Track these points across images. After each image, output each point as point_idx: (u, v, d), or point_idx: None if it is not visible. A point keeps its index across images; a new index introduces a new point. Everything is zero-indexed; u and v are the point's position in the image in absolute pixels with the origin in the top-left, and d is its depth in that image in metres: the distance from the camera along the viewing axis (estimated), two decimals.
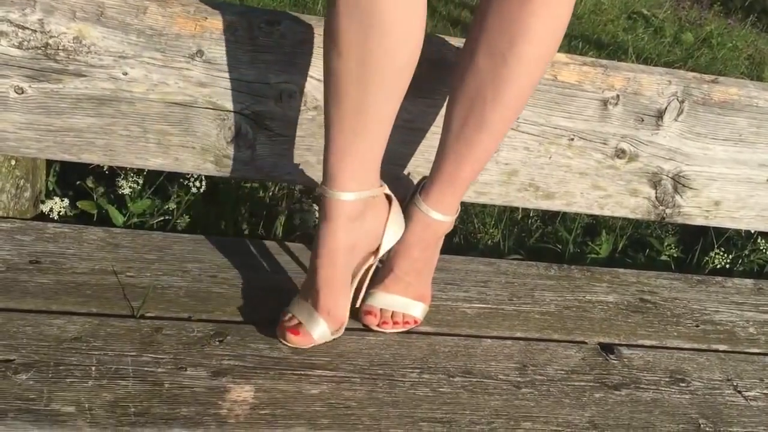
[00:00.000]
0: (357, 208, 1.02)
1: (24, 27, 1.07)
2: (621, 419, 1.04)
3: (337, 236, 1.01)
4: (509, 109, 1.04)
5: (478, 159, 1.08)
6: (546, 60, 1.02)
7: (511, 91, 1.01)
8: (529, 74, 1.01)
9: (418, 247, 1.12)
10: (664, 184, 1.33)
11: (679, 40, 4.34)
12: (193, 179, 1.41)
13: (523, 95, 1.04)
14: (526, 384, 1.07)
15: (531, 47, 0.98)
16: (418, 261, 1.12)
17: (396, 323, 1.11)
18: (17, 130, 1.12)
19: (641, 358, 1.18)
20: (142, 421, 0.87)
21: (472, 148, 1.06)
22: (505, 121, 1.06)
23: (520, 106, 1.06)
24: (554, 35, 0.99)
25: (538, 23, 0.96)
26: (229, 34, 1.12)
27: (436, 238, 1.13)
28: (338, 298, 1.04)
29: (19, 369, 0.91)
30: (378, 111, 0.98)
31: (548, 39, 0.99)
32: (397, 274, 1.12)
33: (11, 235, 1.16)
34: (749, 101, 1.31)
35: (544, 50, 1.00)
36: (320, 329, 1.02)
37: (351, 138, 0.98)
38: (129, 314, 1.04)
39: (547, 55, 1.01)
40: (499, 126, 1.05)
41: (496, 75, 1.00)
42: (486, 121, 1.03)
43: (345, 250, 1.02)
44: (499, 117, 1.04)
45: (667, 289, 1.39)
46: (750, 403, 1.13)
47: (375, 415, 0.95)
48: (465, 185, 1.10)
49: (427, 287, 1.15)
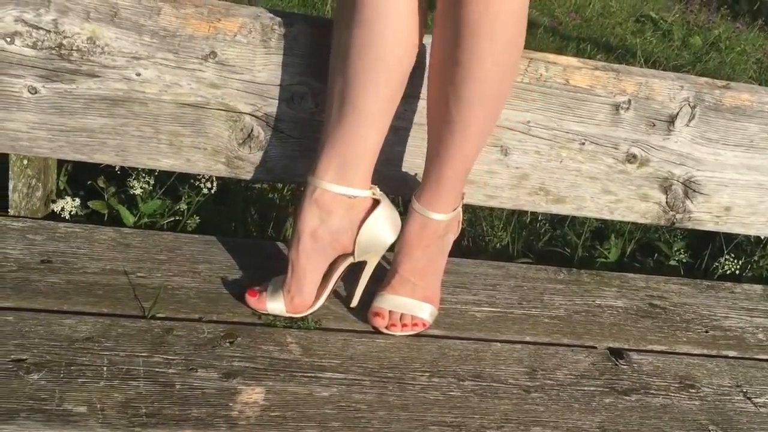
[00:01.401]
0: (327, 199, 1.04)
1: (38, 27, 1.07)
2: (631, 425, 1.04)
3: (303, 219, 1.05)
4: (475, 109, 1.01)
5: (457, 159, 1.06)
6: (503, 55, 0.97)
7: (470, 89, 0.99)
8: (483, 70, 0.97)
9: (419, 246, 1.12)
10: (674, 189, 1.33)
11: (688, 43, 4.34)
12: (204, 180, 1.41)
13: (486, 94, 1.00)
14: (536, 388, 1.07)
15: (480, 41, 0.95)
16: (420, 260, 1.13)
17: (405, 326, 1.11)
18: (30, 130, 1.13)
19: (651, 364, 1.18)
20: (153, 422, 0.87)
21: (448, 149, 1.05)
22: (476, 121, 1.03)
23: (490, 105, 1.02)
24: (504, 28, 0.95)
25: (482, 18, 0.93)
26: (242, 36, 1.12)
27: (436, 237, 1.13)
28: (302, 283, 1.07)
29: (31, 369, 0.91)
30: (361, 107, 1.01)
31: (498, 32, 0.95)
32: (402, 274, 1.13)
33: (23, 234, 1.16)
34: (761, 107, 1.31)
35: (498, 45, 0.96)
36: (275, 303, 1.08)
37: (333, 130, 1.03)
38: (140, 315, 1.04)
39: (502, 50, 0.96)
40: (471, 127, 1.03)
41: (452, 74, 0.99)
42: (453, 122, 1.02)
43: (308, 236, 1.05)
44: (465, 117, 1.02)
45: (677, 294, 1.39)
46: (759, 410, 1.12)
47: (385, 419, 0.95)
48: (453, 184, 1.09)
49: (434, 289, 1.15)
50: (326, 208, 1.05)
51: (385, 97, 1.02)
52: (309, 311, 1.09)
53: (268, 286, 1.10)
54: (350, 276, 1.14)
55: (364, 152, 1.05)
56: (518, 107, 1.23)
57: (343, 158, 1.03)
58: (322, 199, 1.04)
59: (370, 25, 0.98)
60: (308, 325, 1.09)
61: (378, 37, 0.98)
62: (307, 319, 1.10)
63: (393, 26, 0.98)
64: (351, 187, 1.04)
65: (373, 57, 0.99)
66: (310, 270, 1.07)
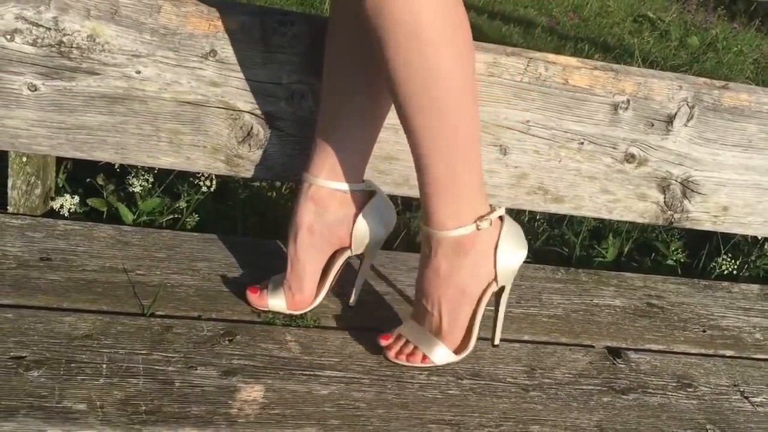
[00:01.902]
0: (322, 195, 1.04)
1: (38, 24, 1.07)
2: (629, 423, 1.04)
3: (299, 215, 1.06)
4: (416, 97, 0.90)
5: (425, 168, 0.95)
6: (425, 20, 0.86)
7: (396, 63, 0.89)
8: (402, 36, 0.87)
9: (431, 265, 1.00)
10: (672, 188, 1.34)
11: (685, 43, 4.34)
12: (203, 178, 1.41)
13: (424, 76, 0.89)
14: (534, 387, 1.07)
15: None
16: (437, 287, 1.00)
17: (410, 357, 1.03)
18: (29, 127, 1.13)
19: (648, 363, 1.18)
20: (153, 420, 0.88)
21: (416, 159, 0.96)
22: (426, 118, 0.91)
23: (435, 95, 0.90)
24: None
25: None
26: (242, 34, 1.12)
27: (445, 258, 0.99)
28: (303, 279, 1.07)
29: (31, 366, 0.91)
30: (352, 104, 1.02)
31: None
32: (419, 298, 1.03)
33: (22, 231, 1.16)
34: (759, 107, 1.31)
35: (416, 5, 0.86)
36: (276, 300, 1.08)
37: (326, 127, 1.04)
38: (139, 312, 1.05)
39: (424, 10, 0.86)
40: (422, 130, 0.93)
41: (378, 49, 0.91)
42: (408, 129, 0.94)
43: (306, 231, 1.05)
44: (410, 112, 0.92)
45: (674, 294, 1.40)
46: (757, 409, 1.13)
47: (384, 417, 0.96)
48: (434, 198, 0.97)
49: (454, 327, 1.02)
50: (321, 204, 1.05)
51: (377, 93, 1.03)
52: (309, 308, 1.09)
53: (268, 284, 1.10)
54: (349, 275, 1.15)
55: (357, 148, 1.05)
56: (517, 107, 1.23)
57: (336, 155, 1.04)
58: (317, 195, 1.05)
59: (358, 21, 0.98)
60: (307, 323, 1.09)
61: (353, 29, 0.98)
62: (306, 317, 1.10)
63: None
64: (345, 182, 1.05)
65: (362, 54, 0.99)
66: (310, 265, 1.07)
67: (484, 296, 1.01)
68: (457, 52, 0.90)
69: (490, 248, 1.00)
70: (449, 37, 0.89)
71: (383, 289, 1.21)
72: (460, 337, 1.03)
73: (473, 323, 1.02)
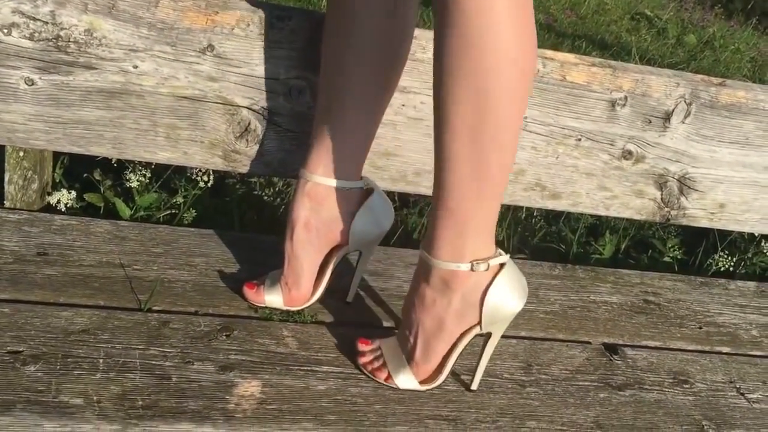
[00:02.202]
0: (319, 192, 1.04)
1: (35, 18, 1.07)
2: (625, 419, 1.04)
3: (296, 210, 1.05)
4: (471, 131, 0.86)
5: (446, 195, 0.90)
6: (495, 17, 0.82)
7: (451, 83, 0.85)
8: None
9: (418, 290, 0.97)
10: (670, 185, 1.34)
11: (682, 41, 4.35)
12: (200, 173, 1.41)
13: (490, 118, 0.85)
14: (531, 383, 1.07)
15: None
16: (418, 315, 0.97)
17: (375, 371, 1.01)
18: (26, 122, 1.12)
19: (645, 359, 1.18)
20: (149, 414, 0.87)
21: (441, 182, 0.91)
22: (473, 151, 0.87)
23: (493, 135, 0.86)
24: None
25: None
26: (240, 29, 1.12)
27: (433, 288, 0.95)
28: (299, 275, 1.07)
29: (28, 360, 0.91)
30: (349, 100, 1.01)
31: None
32: (403, 320, 1.01)
33: (18, 226, 1.16)
34: (756, 104, 1.31)
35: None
36: (273, 296, 1.08)
37: (323, 123, 1.03)
38: (136, 307, 1.04)
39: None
40: (461, 161, 0.88)
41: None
42: (444, 155, 0.89)
43: (302, 228, 1.05)
44: (455, 141, 0.87)
45: (671, 291, 1.40)
46: (753, 406, 1.13)
47: (381, 412, 0.96)
48: (442, 226, 0.92)
49: (428, 358, 0.98)
50: (318, 200, 1.04)
51: (373, 90, 1.02)
52: (306, 304, 1.09)
53: (265, 280, 1.10)
54: (347, 270, 1.15)
55: (355, 145, 1.05)
56: None
57: (333, 152, 1.03)
58: (313, 191, 1.04)
59: (356, 17, 0.98)
60: (304, 318, 1.09)
61: (364, 29, 0.98)
62: (303, 312, 1.10)
63: (378, 18, 0.98)
64: (342, 179, 1.04)
65: (359, 50, 0.99)
66: (307, 262, 1.06)
67: (464, 337, 0.96)
68: (522, 101, 0.87)
69: (479, 292, 0.94)
70: (524, 91, 0.86)
71: (380, 285, 1.21)
72: (432, 369, 0.99)
73: (447, 360, 0.98)
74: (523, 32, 0.84)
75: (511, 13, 0.82)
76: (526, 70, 0.85)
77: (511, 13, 0.82)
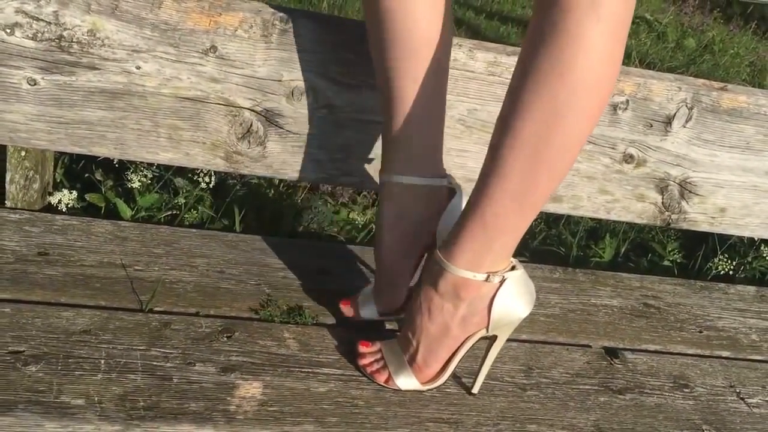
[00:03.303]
0: (402, 193, 1.00)
1: (38, 18, 1.07)
2: (625, 423, 1.04)
3: (382, 215, 1.01)
4: (526, 128, 0.86)
5: (483, 208, 0.90)
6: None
7: (527, 100, 0.85)
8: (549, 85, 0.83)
9: (425, 295, 0.97)
10: (670, 189, 1.34)
11: (682, 45, 4.35)
12: (202, 174, 1.41)
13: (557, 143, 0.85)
14: (532, 386, 1.07)
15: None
16: (423, 320, 0.97)
17: (375, 373, 1.01)
18: (29, 122, 1.12)
19: (645, 363, 1.18)
20: (151, 415, 0.87)
21: (481, 191, 0.91)
22: (529, 171, 0.87)
23: (554, 159, 0.86)
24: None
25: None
26: (243, 31, 1.12)
27: (441, 294, 0.95)
28: (390, 281, 1.04)
29: (29, 361, 0.91)
30: (403, 97, 0.97)
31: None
32: (405, 324, 1.01)
33: (20, 226, 1.16)
34: (758, 109, 1.31)
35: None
36: (368, 308, 1.07)
37: (390, 125, 0.99)
38: (137, 308, 1.04)
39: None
40: (513, 176, 0.87)
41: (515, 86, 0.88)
42: (493, 169, 0.89)
43: (387, 232, 1.01)
44: (514, 133, 0.87)
45: (671, 295, 1.40)
46: (753, 410, 1.13)
47: (382, 415, 0.96)
48: (468, 236, 0.92)
49: (430, 363, 0.99)
50: (403, 202, 1.00)
51: (423, 82, 0.97)
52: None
53: (358, 296, 1.09)
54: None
55: (432, 140, 1.01)
56: None
57: (412, 148, 0.99)
58: (397, 194, 1.00)
59: (393, 13, 0.94)
60: (306, 320, 1.09)
61: (402, 23, 0.95)
62: (305, 314, 1.10)
63: (416, 11, 0.94)
64: (422, 176, 0.99)
65: (401, 46, 0.96)
66: (397, 266, 1.03)
67: (468, 340, 0.97)
68: (591, 128, 0.87)
69: (488, 299, 0.94)
70: (596, 119, 0.86)
71: None
72: (435, 372, 0.99)
73: (450, 362, 0.98)
74: (613, 67, 0.84)
75: (606, 44, 0.81)
76: (603, 98, 0.85)
77: (606, 44, 0.81)
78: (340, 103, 1.17)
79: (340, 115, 1.18)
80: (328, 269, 1.22)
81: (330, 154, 1.20)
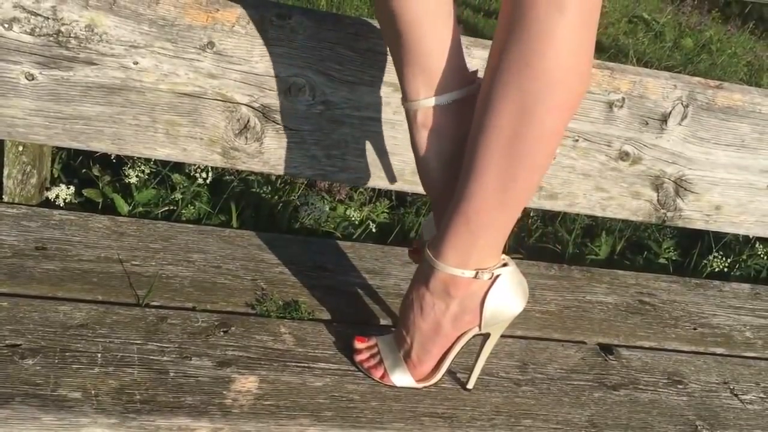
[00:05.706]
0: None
1: (37, 14, 1.07)
2: (619, 419, 1.05)
3: (417, 142, 0.97)
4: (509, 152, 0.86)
5: (464, 205, 0.90)
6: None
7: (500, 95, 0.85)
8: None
9: (417, 292, 0.97)
10: (666, 187, 1.35)
11: (679, 45, 4.36)
12: (199, 170, 1.41)
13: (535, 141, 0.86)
14: (527, 382, 1.08)
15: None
16: (416, 317, 0.98)
17: (371, 369, 1.01)
18: (27, 117, 1.13)
19: (640, 360, 1.19)
20: (147, 409, 0.88)
21: (462, 191, 0.91)
22: (508, 172, 0.87)
23: (531, 159, 0.87)
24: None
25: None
26: (240, 27, 1.12)
27: (432, 292, 0.96)
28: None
29: (26, 354, 0.91)
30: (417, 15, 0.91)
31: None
32: (400, 320, 1.01)
33: (17, 221, 1.16)
34: (753, 107, 1.32)
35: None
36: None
37: (405, 48, 0.92)
38: (134, 303, 1.05)
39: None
40: (491, 178, 0.88)
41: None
42: (473, 172, 0.89)
43: (428, 153, 0.96)
44: (490, 162, 0.87)
45: (666, 292, 1.41)
46: (746, 407, 1.14)
47: (378, 409, 0.96)
48: (453, 232, 0.92)
49: (424, 360, 0.99)
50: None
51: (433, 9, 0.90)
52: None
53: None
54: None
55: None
56: None
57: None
58: (429, 118, 0.93)
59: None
60: (302, 315, 1.10)
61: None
62: (300, 309, 1.10)
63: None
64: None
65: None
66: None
67: (461, 338, 0.97)
68: (564, 123, 0.87)
69: (479, 296, 0.94)
70: (569, 114, 0.86)
71: (377, 283, 1.22)
72: (429, 369, 1.00)
73: (444, 359, 0.98)
74: (582, 58, 0.84)
75: (574, 35, 0.82)
76: (574, 89, 0.85)
77: (574, 36, 0.82)
78: (337, 99, 1.18)
79: (336, 111, 1.18)
80: (324, 265, 1.23)
81: (326, 151, 1.20)
